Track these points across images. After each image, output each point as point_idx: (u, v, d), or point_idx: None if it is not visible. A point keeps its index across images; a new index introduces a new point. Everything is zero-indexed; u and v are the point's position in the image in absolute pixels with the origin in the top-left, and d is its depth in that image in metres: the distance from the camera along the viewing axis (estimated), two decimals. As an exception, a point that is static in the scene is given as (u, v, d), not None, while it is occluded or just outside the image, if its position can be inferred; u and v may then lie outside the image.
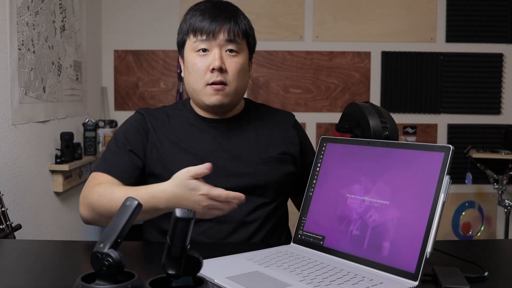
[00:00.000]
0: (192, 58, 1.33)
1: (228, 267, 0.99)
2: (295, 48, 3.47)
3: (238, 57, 1.33)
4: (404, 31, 3.47)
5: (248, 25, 1.37)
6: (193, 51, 1.33)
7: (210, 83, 1.30)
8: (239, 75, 1.33)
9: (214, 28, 1.29)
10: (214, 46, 1.30)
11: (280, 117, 1.49)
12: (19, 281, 0.96)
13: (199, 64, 1.31)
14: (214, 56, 1.30)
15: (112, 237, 0.78)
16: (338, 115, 1.37)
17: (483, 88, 3.48)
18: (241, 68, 1.33)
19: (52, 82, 2.51)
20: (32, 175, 2.29)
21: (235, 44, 1.32)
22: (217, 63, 1.28)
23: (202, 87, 1.32)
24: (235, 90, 1.33)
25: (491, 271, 0.98)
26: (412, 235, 0.94)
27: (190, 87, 1.36)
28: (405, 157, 1.01)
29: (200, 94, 1.33)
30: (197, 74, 1.32)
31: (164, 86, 3.49)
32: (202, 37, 1.30)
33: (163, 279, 0.78)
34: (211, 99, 1.32)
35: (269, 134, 1.42)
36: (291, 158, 1.41)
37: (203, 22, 1.30)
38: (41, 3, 2.36)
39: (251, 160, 1.35)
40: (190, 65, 1.33)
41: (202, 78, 1.31)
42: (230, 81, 1.31)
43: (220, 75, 1.30)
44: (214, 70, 1.29)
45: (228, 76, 1.31)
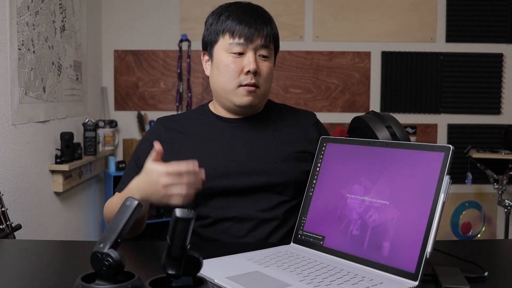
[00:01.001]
0: (225, 58, 1.34)
1: (228, 267, 0.99)
2: (295, 48, 3.47)
3: (268, 61, 1.37)
4: (404, 31, 3.47)
5: (277, 31, 1.42)
6: (226, 52, 1.34)
7: (243, 84, 1.33)
8: (269, 78, 1.37)
9: (253, 33, 1.32)
10: (249, 50, 1.33)
11: (301, 116, 1.50)
12: (19, 281, 0.96)
13: (232, 65, 1.33)
14: (249, 59, 1.32)
15: (112, 237, 0.78)
16: (338, 115, 1.38)
17: (483, 88, 3.48)
18: (270, 72, 1.37)
19: (52, 82, 2.51)
20: (32, 175, 2.29)
21: (268, 50, 1.35)
22: (252, 66, 1.31)
23: (234, 87, 1.34)
24: (265, 92, 1.38)
25: (491, 271, 0.98)
26: (412, 235, 0.94)
27: (220, 86, 1.37)
28: (405, 157, 1.01)
29: (230, 94, 1.35)
30: (230, 74, 1.33)
31: (164, 86, 3.49)
32: (240, 40, 1.32)
33: (163, 279, 0.78)
34: (243, 99, 1.34)
35: (288, 133, 1.43)
36: (310, 156, 1.40)
37: (241, 25, 1.32)
38: (41, 3, 2.36)
39: (269, 158, 1.36)
40: (222, 65, 1.35)
41: (235, 79, 1.33)
42: (262, 84, 1.35)
43: (254, 77, 1.33)
44: (249, 72, 1.32)
45: (260, 79, 1.34)
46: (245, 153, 1.36)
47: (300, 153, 1.39)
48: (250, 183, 1.33)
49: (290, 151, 1.39)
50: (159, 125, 1.45)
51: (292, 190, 1.36)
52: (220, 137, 1.39)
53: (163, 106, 3.48)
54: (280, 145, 1.39)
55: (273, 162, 1.36)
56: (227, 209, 1.32)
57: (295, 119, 1.48)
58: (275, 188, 1.34)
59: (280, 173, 1.35)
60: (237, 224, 1.31)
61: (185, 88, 3.48)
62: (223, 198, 1.33)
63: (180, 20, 3.43)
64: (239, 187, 1.32)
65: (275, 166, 1.35)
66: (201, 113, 1.46)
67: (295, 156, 1.38)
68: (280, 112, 1.49)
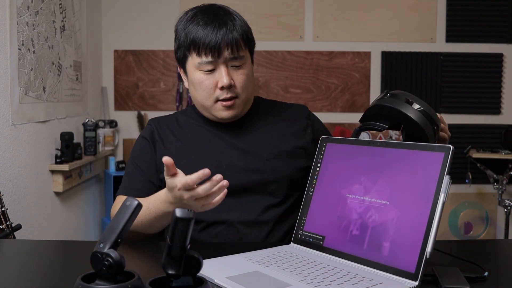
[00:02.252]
0: (198, 76, 1.31)
1: (228, 267, 0.99)
2: (295, 48, 3.47)
3: (243, 69, 1.32)
4: (404, 31, 3.47)
5: (246, 28, 1.35)
6: (197, 69, 1.31)
7: (220, 99, 1.31)
8: (247, 85, 1.33)
9: (218, 48, 1.27)
10: (219, 64, 1.29)
11: (292, 111, 1.48)
12: (19, 281, 0.96)
13: (206, 82, 1.30)
14: (221, 74, 1.29)
15: (112, 237, 0.78)
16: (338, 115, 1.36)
17: (483, 88, 3.48)
18: (247, 78, 1.33)
19: (52, 82, 2.51)
20: (32, 175, 2.29)
21: (239, 59, 1.31)
22: (225, 81, 1.28)
23: (211, 103, 1.32)
24: (245, 99, 1.34)
25: (491, 271, 0.98)
26: (412, 235, 0.94)
27: (199, 103, 1.36)
28: (405, 157, 1.01)
29: (210, 109, 1.34)
30: (206, 92, 1.31)
31: (164, 86, 3.49)
32: (207, 58, 1.28)
33: (163, 279, 0.78)
34: (223, 114, 1.33)
35: (280, 129, 1.41)
36: (303, 152, 1.39)
37: (205, 40, 1.27)
38: (41, 3, 2.36)
39: (261, 156, 1.34)
40: (196, 83, 1.32)
41: (211, 95, 1.31)
42: (240, 93, 1.32)
43: (229, 91, 1.30)
44: (223, 88, 1.29)
45: (237, 89, 1.31)
46: (237, 153, 1.35)
47: (293, 149, 1.37)
48: (243, 182, 1.31)
49: (283, 147, 1.37)
50: (151, 126, 1.44)
51: (285, 188, 1.33)
52: (209, 138, 1.38)
53: (163, 106, 3.48)
54: (273, 142, 1.37)
55: (265, 159, 1.34)
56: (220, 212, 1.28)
57: (286, 114, 1.46)
58: (267, 186, 1.32)
59: (273, 170, 1.33)
60: (230, 228, 1.29)
61: (185, 88, 3.48)
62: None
63: (180, 20, 3.43)
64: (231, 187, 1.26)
65: (267, 164, 1.33)
66: (188, 115, 1.45)
67: (288, 152, 1.36)
68: (270, 109, 1.46)
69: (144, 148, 1.41)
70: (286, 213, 1.34)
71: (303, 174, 1.35)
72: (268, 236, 1.31)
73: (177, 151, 1.36)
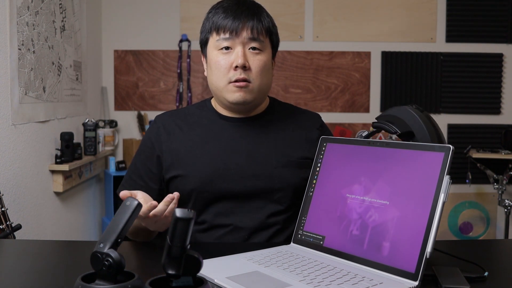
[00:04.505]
0: (215, 56, 1.31)
1: (228, 267, 0.99)
2: (295, 48, 3.47)
3: (261, 55, 1.31)
4: (404, 31, 3.47)
5: (271, 23, 1.36)
6: (216, 49, 1.31)
7: (233, 80, 1.29)
8: (263, 73, 1.31)
9: (237, 26, 1.28)
10: (237, 44, 1.29)
11: (305, 118, 1.45)
12: (19, 281, 0.96)
13: (222, 62, 1.30)
14: (237, 54, 1.28)
15: (112, 237, 0.78)
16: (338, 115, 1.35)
17: (483, 88, 3.48)
18: (264, 66, 1.31)
19: (52, 82, 2.51)
20: (32, 175, 2.29)
21: (258, 42, 1.30)
22: (240, 60, 1.27)
23: (225, 84, 1.30)
24: (259, 87, 1.32)
25: (491, 271, 0.98)
26: (412, 235, 0.94)
27: (213, 85, 1.34)
28: (405, 157, 1.01)
29: (223, 91, 1.32)
30: (220, 72, 1.30)
31: (164, 86, 3.49)
32: (225, 35, 1.29)
33: (163, 279, 0.78)
34: (234, 96, 1.30)
35: (291, 136, 1.38)
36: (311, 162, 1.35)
37: (225, 20, 1.29)
38: (41, 3, 2.36)
39: (269, 163, 1.32)
40: (213, 63, 1.32)
41: (225, 76, 1.30)
42: (254, 79, 1.30)
43: (243, 72, 1.28)
44: (237, 67, 1.28)
45: (251, 73, 1.29)
46: (246, 156, 1.33)
47: (302, 160, 1.35)
48: (249, 188, 1.30)
49: (292, 156, 1.35)
50: (156, 124, 1.42)
51: (289, 197, 1.33)
52: (220, 137, 1.35)
53: (163, 106, 3.48)
54: (282, 150, 1.35)
55: (274, 167, 1.32)
56: (223, 215, 1.30)
57: (300, 121, 1.43)
58: (273, 194, 1.31)
59: (280, 179, 1.32)
60: (232, 232, 1.29)
61: (185, 88, 3.48)
62: (220, 203, 1.30)
63: (180, 20, 3.43)
64: (237, 192, 1.29)
65: (275, 172, 1.32)
66: (202, 109, 1.43)
67: (296, 162, 1.34)
68: (284, 113, 1.44)
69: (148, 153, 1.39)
70: (288, 220, 1.34)
71: None
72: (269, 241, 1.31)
73: (186, 149, 1.35)
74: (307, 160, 1.35)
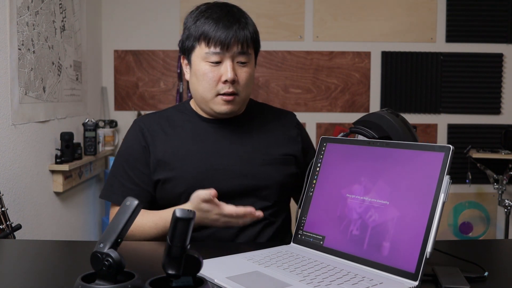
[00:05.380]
0: (203, 67, 1.31)
1: (228, 267, 0.99)
2: (295, 48, 3.47)
3: (248, 67, 1.34)
4: (404, 31, 3.47)
5: (256, 31, 1.37)
6: (203, 60, 1.31)
7: (221, 93, 1.31)
8: (249, 84, 1.35)
9: (229, 41, 1.28)
10: (226, 58, 1.30)
11: (282, 117, 1.50)
12: (19, 281, 0.96)
13: (210, 74, 1.31)
14: (226, 68, 1.29)
15: (112, 237, 0.78)
16: (338, 115, 1.36)
17: (483, 88, 3.47)
18: (250, 77, 1.34)
19: (52, 82, 2.51)
20: (32, 175, 2.29)
21: (246, 56, 1.32)
22: (230, 75, 1.29)
23: (212, 96, 1.32)
24: (244, 98, 1.36)
25: (491, 271, 0.98)
26: (412, 235, 0.94)
27: (199, 94, 1.35)
28: (405, 157, 1.01)
29: (209, 103, 1.34)
30: (208, 84, 1.31)
31: (164, 86, 3.49)
32: (215, 49, 1.29)
33: (163, 279, 0.78)
34: (221, 108, 1.33)
35: (272, 134, 1.42)
36: (293, 158, 1.42)
37: (217, 32, 1.28)
38: (41, 3, 2.36)
39: (255, 161, 1.36)
40: (200, 74, 1.32)
41: (213, 88, 1.31)
42: (241, 91, 1.33)
43: (231, 86, 1.31)
44: (227, 81, 1.30)
45: (239, 86, 1.32)
46: (231, 156, 1.35)
47: (284, 156, 1.40)
48: (237, 187, 1.32)
49: (275, 154, 1.39)
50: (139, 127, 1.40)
51: (275, 194, 1.37)
52: (204, 138, 1.37)
53: (163, 106, 3.48)
54: (265, 148, 1.39)
55: (259, 165, 1.36)
56: None
57: (277, 119, 1.47)
58: (260, 191, 1.35)
59: (266, 176, 1.35)
60: (222, 229, 1.30)
61: (185, 88, 3.48)
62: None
63: (180, 20, 3.43)
64: (225, 191, 1.31)
65: (261, 169, 1.35)
66: (182, 112, 1.43)
67: (280, 159, 1.38)
68: (262, 113, 1.48)
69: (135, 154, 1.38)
70: (274, 215, 1.38)
71: (292, 180, 1.41)
72: (257, 237, 1.34)
73: (171, 152, 1.35)
74: (289, 157, 1.40)
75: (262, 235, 1.34)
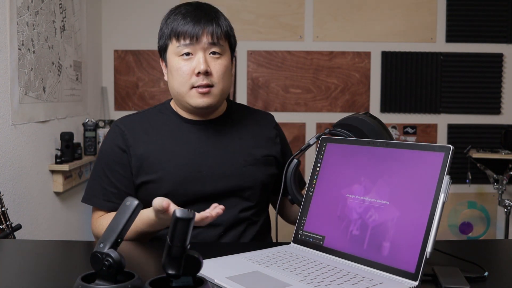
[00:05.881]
0: (176, 63, 1.32)
1: (228, 267, 0.99)
2: (295, 48, 3.47)
3: (222, 59, 1.33)
4: (404, 31, 3.47)
5: (229, 26, 1.37)
6: (176, 55, 1.33)
7: (196, 86, 1.31)
8: (224, 76, 1.34)
9: (197, 32, 1.29)
10: (198, 50, 1.31)
11: (262, 118, 1.51)
12: (19, 281, 0.96)
13: (183, 68, 1.31)
14: (198, 60, 1.30)
15: (112, 237, 0.78)
16: (338, 115, 1.37)
17: (483, 88, 3.47)
18: (225, 69, 1.34)
19: (52, 82, 2.51)
20: (32, 175, 2.29)
21: (218, 47, 1.32)
22: (202, 66, 1.29)
23: (187, 90, 1.32)
24: (221, 91, 1.34)
25: (491, 271, 0.98)
26: (412, 235, 0.94)
27: (175, 90, 1.35)
28: (405, 157, 1.01)
29: (185, 97, 1.33)
30: (182, 77, 1.32)
31: (164, 86, 3.49)
32: (185, 41, 1.30)
33: (163, 279, 0.78)
34: (197, 101, 1.32)
35: (253, 135, 1.43)
36: (274, 159, 1.44)
37: (185, 26, 1.30)
38: (41, 3, 2.36)
39: (238, 162, 1.37)
40: (174, 69, 1.33)
41: (187, 82, 1.31)
42: (216, 83, 1.32)
43: (205, 78, 1.30)
44: (200, 73, 1.30)
45: (213, 78, 1.32)
46: (214, 158, 1.35)
47: (266, 157, 1.41)
48: (221, 188, 1.33)
49: (257, 154, 1.40)
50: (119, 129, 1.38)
51: (258, 194, 1.38)
52: (187, 140, 1.37)
53: (163, 106, 3.47)
54: (247, 149, 1.39)
55: (242, 166, 1.36)
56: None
57: (256, 120, 1.49)
58: (243, 192, 1.36)
59: (249, 177, 1.36)
60: (208, 230, 1.31)
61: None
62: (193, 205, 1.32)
63: (180, 20, 3.43)
64: (209, 193, 1.32)
65: (244, 170, 1.36)
66: (164, 113, 1.43)
67: (262, 160, 1.40)
68: (242, 114, 1.48)
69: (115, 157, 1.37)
70: (256, 215, 1.39)
71: (273, 180, 1.42)
72: (241, 236, 1.35)
73: (154, 154, 1.34)
74: (270, 158, 1.42)
75: (245, 235, 1.36)
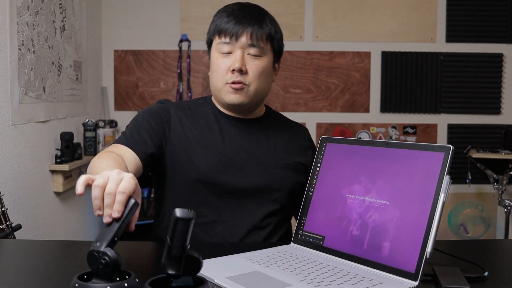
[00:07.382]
0: (216, 59, 1.36)
1: (228, 267, 0.99)
2: (295, 48, 3.47)
3: (260, 60, 1.35)
4: (404, 31, 3.47)
5: (274, 29, 1.38)
6: (217, 52, 1.36)
7: (229, 82, 1.34)
8: (260, 77, 1.35)
9: (237, 31, 1.32)
10: (236, 48, 1.33)
11: (298, 128, 1.54)
12: (19, 281, 0.96)
13: (221, 64, 1.35)
14: (235, 58, 1.33)
15: (108, 236, 0.78)
16: (338, 115, 1.37)
17: (483, 88, 3.47)
18: (262, 71, 1.35)
19: (52, 82, 2.51)
20: (32, 175, 2.29)
21: (257, 48, 1.34)
22: (237, 64, 1.32)
23: (222, 85, 1.35)
24: (255, 91, 1.36)
25: (491, 271, 0.98)
26: (412, 235, 0.94)
27: (213, 85, 1.39)
28: (405, 157, 1.01)
29: (220, 92, 1.37)
30: (219, 73, 1.35)
31: (164, 86, 3.49)
32: (225, 39, 1.34)
33: (163, 279, 0.78)
34: (230, 97, 1.35)
35: (287, 141, 1.45)
36: (304, 168, 1.44)
37: (227, 24, 1.33)
38: (41, 3, 2.36)
39: (269, 164, 1.38)
40: (214, 65, 1.38)
41: (223, 78, 1.35)
42: (250, 82, 1.34)
43: (239, 76, 1.33)
44: (234, 71, 1.32)
45: (248, 77, 1.34)
46: (248, 154, 1.37)
47: (297, 164, 1.42)
48: (250, 185, 1.33)
49: (290, 160, 1.41)
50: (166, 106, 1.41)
51: (285, 198, 1.38)
52: (224, 133, 1.39)
53: (163, 106, 3.47)
54: (280, 153, 1.41)
55: (273, 167, 1.38)
56: (223, 211, 1.32)
57: (293, 129, 1.51)
58: (271, 194, 1.36)
59: (279, 179, 1.37)
60: (230, 229, 1.31)
61: (185, 88, 3.48)
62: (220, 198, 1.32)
63: (180, 20, 3.43)
64: (238, 187, 1.32)
65: (275, 172, 1.37)
66: (204, 105, 1.46)
67: (293, 166, 1.41)
68: (279, 121, 1.51)
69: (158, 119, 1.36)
70: (282, 220, 1.39)
71: (300, 189, 1.40)
72: (264, 241, 1.34)
73: (194, 138, 1.36)
74: (301, 166, 1.43)
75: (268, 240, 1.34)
